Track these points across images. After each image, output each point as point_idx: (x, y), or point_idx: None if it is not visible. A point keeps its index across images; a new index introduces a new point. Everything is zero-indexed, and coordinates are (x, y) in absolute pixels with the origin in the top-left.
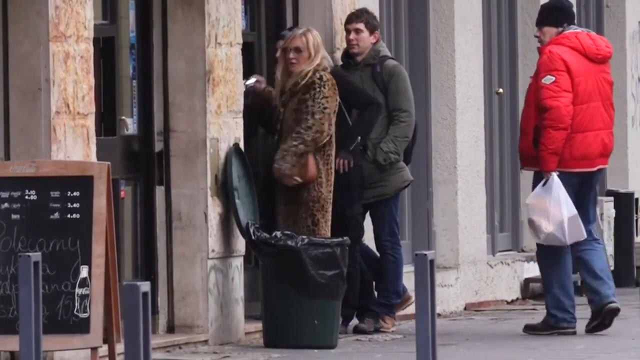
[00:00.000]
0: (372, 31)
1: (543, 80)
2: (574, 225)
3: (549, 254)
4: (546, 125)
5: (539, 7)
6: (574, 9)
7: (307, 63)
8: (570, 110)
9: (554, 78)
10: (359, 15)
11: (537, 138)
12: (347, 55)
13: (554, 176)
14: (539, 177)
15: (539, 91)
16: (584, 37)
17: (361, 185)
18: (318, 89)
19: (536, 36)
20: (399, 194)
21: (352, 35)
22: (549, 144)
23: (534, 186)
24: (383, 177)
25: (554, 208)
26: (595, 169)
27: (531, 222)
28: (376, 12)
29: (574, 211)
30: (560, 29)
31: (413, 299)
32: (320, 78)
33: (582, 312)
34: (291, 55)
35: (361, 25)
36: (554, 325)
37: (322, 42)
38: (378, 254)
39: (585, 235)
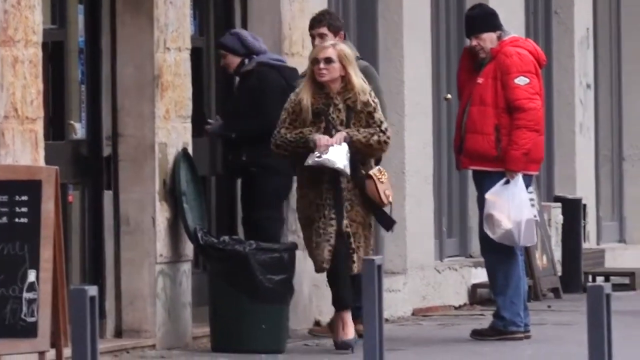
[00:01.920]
0: (336, 32)
1: (516, 81)
2: (529, 228)
3: (504, 256)
4: (521, 125)
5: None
6: (523, 15)
7: (353, 75)
8: (543, 112)
9: (528, 80)
10: (320, 20)
11: (498, 137)
12: None
13: (520, 176)
14: (494, 177)
15: (511, 91)
16: (534, 44)
17: (271, 193)
18: (374, 101)
19: (474, 45)
20: None
21: (317, 41)
22: (524, 144)
23: (485, 185)
24: None
25: (515, 207)
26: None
27: (490, 217)
28: None
29: (532, 214)
30: (499, 32)
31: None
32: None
33: (533, 317)
34: (322, 65)
35: (324, 30)
36: (502, 329)
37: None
38: None
39: (536, 240)
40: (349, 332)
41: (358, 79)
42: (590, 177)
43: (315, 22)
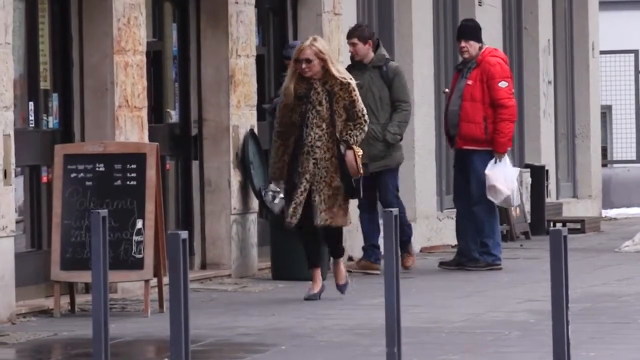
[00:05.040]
0: (365, 41)
1: (499, 84)
2: (517, 193)
3: (491, 212)
4: (504, 118)
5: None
6: (501, 29)
7: (331, 67)
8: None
9: (507, 83)
10: (352, 32)
11: (486, 126)
12: (355, 60)
13: (506, 156)
14: (485, 155)
15: (495, 92)
16: (503, 53)
17: None
18: (353, 87)
19: (462, 46)
20: (399, 167)
21: (350, 48)
22: (508, 133)
23: (475, 160)
24: (388, 152)
25: (508, 179)
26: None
27: (493, 188)
28: None
29: (516, 183)
30: (481, 44)
31: (378, 270)
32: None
33: (507, 253)
34: (303, 65)
35: (355, 40)
36: (491, 263)
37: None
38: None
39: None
40: (315, 287)
41: (336, 69)
42: (551, 149)
43: (349, 34)
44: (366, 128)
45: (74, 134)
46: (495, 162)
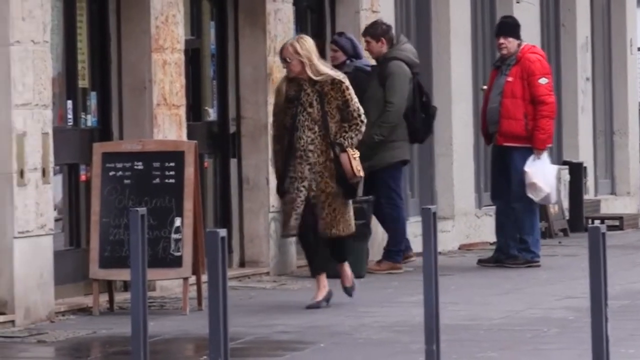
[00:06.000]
0: (377, 39)
1: (540, 81)
2: (556, 190)
3: (532, 209)
4: (545, 115)
5: (500, 19)
6: (539, 27)
7: (307, 68)
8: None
9: (547, 80)
10: (365, 32)
11: (526, 122)
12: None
13: (546, 153)
14: (526, 152)
15: (536, 88)
16: (542, 50)
17: None
18: (346, 86)
19: (501, 43)
20: (396, 166)
21: (365, 46)
22: (548, 129)
23: (515, 156)
24: (373, 153)
25: (548, 176)
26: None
27: (533, 185)
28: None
29: (555, 180)
30: (519, 42)
31: (413, 257)
32: (341, 80)
33: (545, 250)
34: (284, 65)
35: (368, 38)
36: (530, 260)
37: (311, 45)
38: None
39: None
40: (319, 294)
41: (314, 70)
42: (589, 146)
43: (363, 32)
44: (363, 128)
45: (112, 132)
46: (534, 159)
